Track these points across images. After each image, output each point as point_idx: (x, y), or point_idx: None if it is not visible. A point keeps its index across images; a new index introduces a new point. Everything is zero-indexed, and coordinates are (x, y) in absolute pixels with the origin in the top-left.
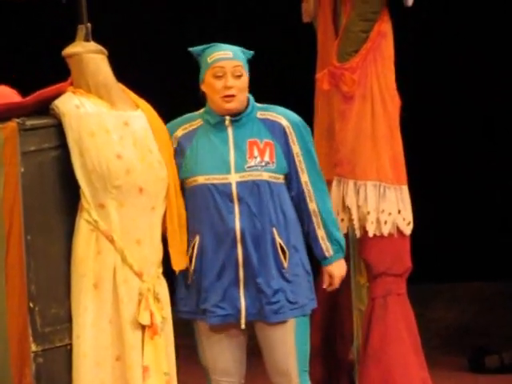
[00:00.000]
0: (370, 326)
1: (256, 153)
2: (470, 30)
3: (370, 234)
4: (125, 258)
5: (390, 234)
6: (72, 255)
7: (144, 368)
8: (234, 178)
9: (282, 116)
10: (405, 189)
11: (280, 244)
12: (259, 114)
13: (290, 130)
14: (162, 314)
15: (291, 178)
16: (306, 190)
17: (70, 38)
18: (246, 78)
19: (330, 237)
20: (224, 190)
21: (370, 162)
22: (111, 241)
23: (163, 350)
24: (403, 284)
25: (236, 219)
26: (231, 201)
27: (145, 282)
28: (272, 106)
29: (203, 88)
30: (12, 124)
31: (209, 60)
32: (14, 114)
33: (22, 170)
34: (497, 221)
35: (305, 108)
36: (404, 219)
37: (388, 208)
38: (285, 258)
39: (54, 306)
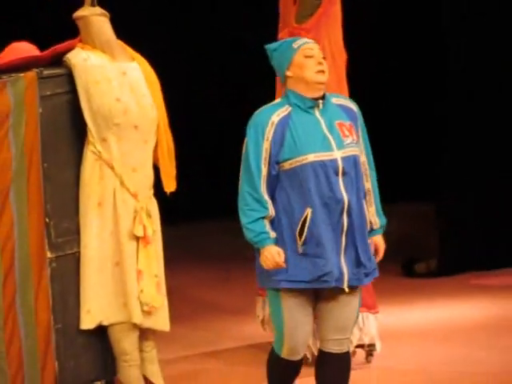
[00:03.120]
0: None
1: (347, 132)
2: None
3: None
4: (123, 182)
5: None
6: (80, 180)
7: (138, 271)
8: (338, 154)
9: (351, 103)
10: None
11: (367, 216)
12: (334, 100)
13: (358, 116)
14: (153, 227)
15: None
16: (363, 170)
17: (80, 4)
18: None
19: (379, 213)
20: (332, 165)
21: None
22: (112, 168)
23: (154, 256)
24: None
25: (343, 191)
26: (337, 174)
27: (139, 201)
28: (336, 94)
29: (290, 73)
30: (32, 73)
31: (295, 46)
32: (34, 65)
33: (40, 110)
34: (432, 151)
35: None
36: None
37: None
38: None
39: (65, 221)
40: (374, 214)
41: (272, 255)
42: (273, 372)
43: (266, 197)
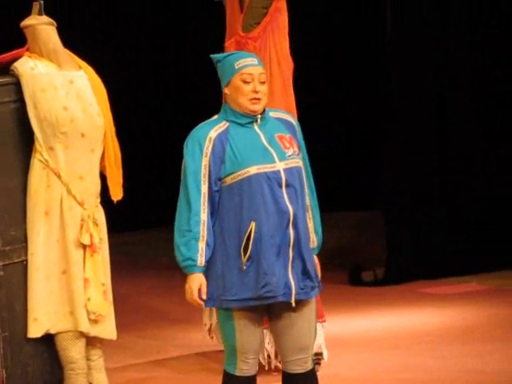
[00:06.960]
0: None
1: (287, 144)
2: None
3: None
4: (70, 191)
5: None
6: (27, 188)
7: (85, 280)
8: (280, 166)
9: (289, 116)
10: None
11: (309, 228)
12: (272, 114)
13: (297, 129)
14: (100, 235)
15: None
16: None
17: (27, 13)
18: (266, 85)
19: (317, 230)
20: (275, 177)
21: None
22: (59, 176)
23: (101, 265)
24: None
25: (287, 203)
26: (280, 186)
27: (86, 209)
28: (273, 108)
29: (227, 91)
30: None
31: (236, 66)
32: None
33: None
34: (379, 160)
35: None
36: None
37: None
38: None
39: (12, 229)
40: (312, 231)
41: (192, 290)
42: None
43: (204, 216)
